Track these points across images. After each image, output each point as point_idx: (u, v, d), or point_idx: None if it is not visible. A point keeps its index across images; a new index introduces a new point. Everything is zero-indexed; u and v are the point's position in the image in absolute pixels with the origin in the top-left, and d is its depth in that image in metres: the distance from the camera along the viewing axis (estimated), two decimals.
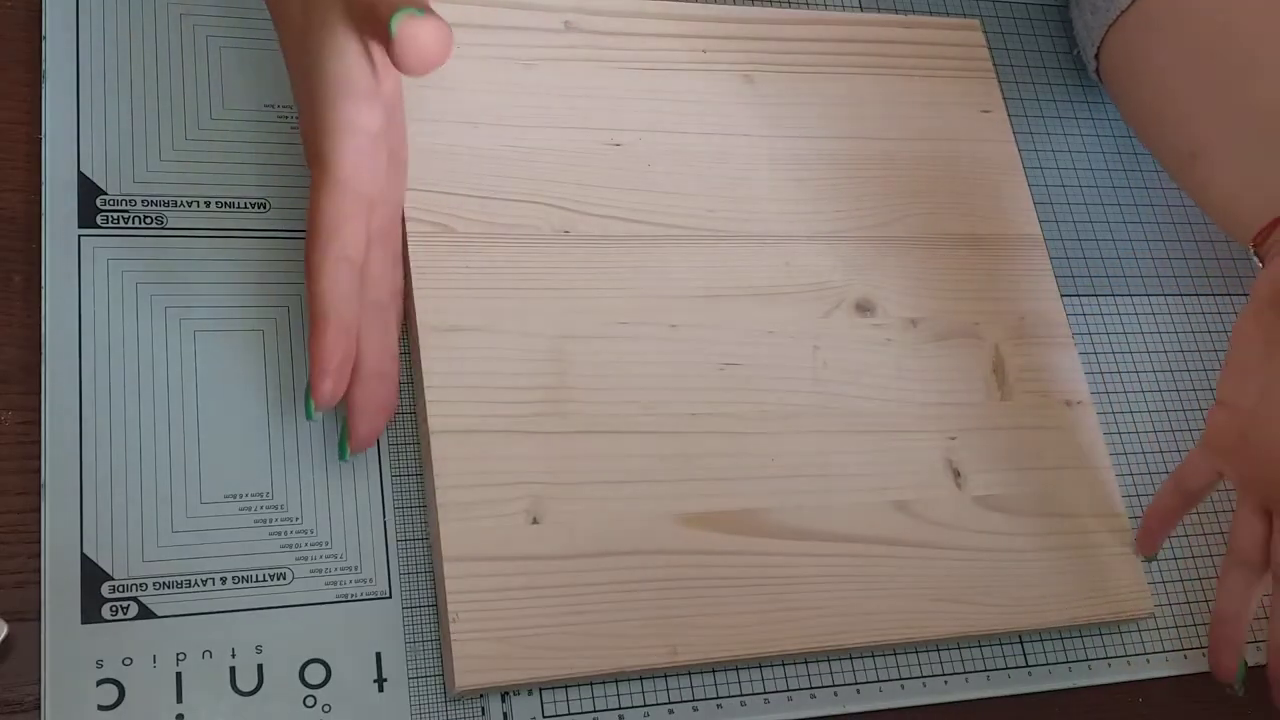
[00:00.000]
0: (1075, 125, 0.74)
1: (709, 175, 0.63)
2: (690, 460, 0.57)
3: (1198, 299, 0.72)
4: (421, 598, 0.53)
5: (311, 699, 0.50)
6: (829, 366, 0.61)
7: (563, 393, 0.56)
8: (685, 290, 0.60)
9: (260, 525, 0.52)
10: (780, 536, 0.57)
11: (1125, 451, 0.66)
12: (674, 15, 0.66)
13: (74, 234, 0.55)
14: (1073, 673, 0.60)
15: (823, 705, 0.56)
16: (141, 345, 0.54)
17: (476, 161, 0.60)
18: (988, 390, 0.63)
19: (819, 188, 0.65)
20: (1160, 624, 0.62)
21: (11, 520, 0.50)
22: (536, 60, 0.63)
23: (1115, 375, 0.68)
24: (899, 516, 0.58)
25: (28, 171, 0.55)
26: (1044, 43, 0.76)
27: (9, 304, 0.53)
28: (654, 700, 0.54)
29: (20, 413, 0.52)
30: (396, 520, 0.54)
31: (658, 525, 0.55)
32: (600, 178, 0.61)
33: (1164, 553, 0.64)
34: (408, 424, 0.56)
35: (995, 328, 0.64)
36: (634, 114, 0.63)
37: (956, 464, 0.61)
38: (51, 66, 0.57)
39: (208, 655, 0.50)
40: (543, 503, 0.54)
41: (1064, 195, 0.72)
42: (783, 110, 0.66)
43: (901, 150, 0.67)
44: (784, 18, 0.68)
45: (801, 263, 0.63)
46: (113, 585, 0.50)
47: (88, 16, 0.58)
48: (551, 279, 0.58)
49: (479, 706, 0.52)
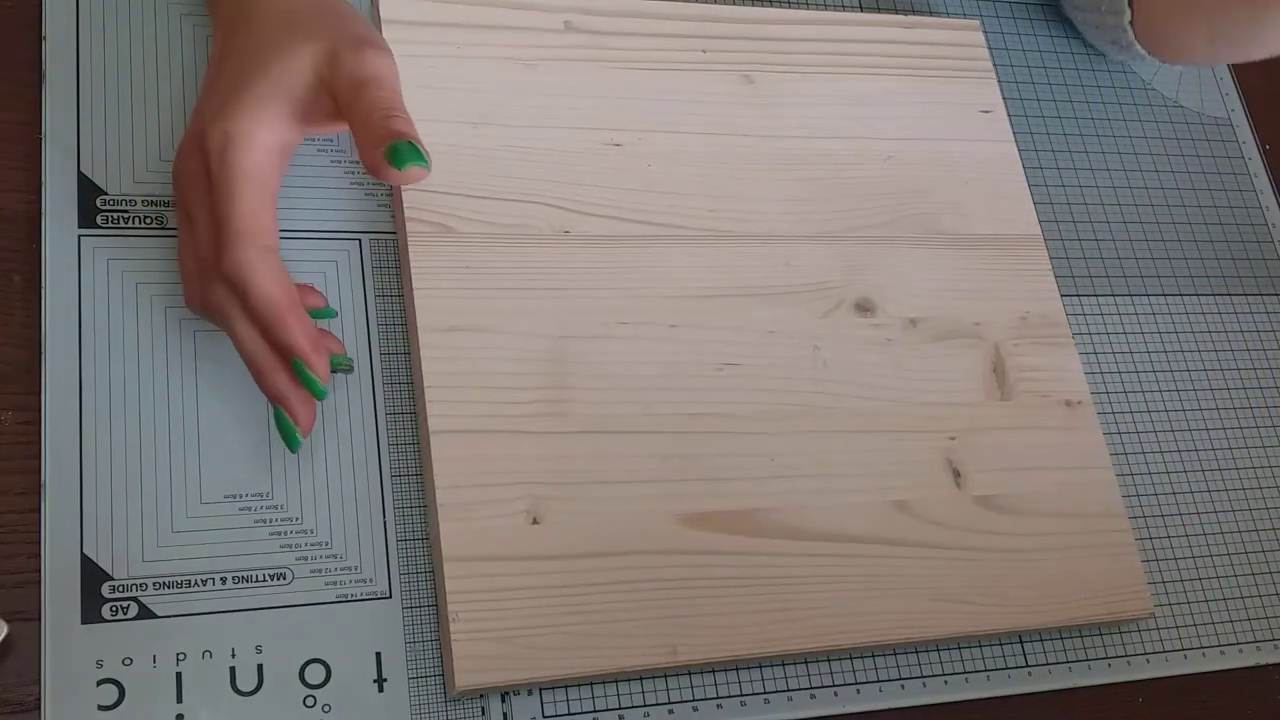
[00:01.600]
0: (1075, 125, 0.74)
1: (709, 175, 0.63)
2: (690, 460, 0.57)
3: (1198, 299, 0.72)
4: (421, 598, 0.53)
5: (311, 699, 0.50)
6: (829, 366, 0.61)
7: (563, 393, 0.56)
8: (685, 290, 0.60)
9: (260, 525, 0.52)
10: (780, 536, 0.57)
11: (1125, 451, 0.66)
12: (674, 15, 0.66)
13: (74, 234, 0.55)
14: (1073, 673, 0.60)
15: (823, 705, 0.56)
16: (141, 345, 0.54)
17: (476, 161, 0.60)
18: (988, 390, 0.63)
19: (819, 188, 0.65)
20: (1160, 624, 0.62)
21: (11, 520, 0.50)
22: (536, 60, 0.63)
23: (1115, 375, 0.68)
24: (899, 516, 0.58)
25: (28, 171, 0.55)
26: (1044, 43, 0.76)
27: (9, 304, 0.53)
28: (654, 700, 0.54)
29: (20, 413, 0.52)
30: (396, 520, 0.54)
31: (658, 525, 0.55)
32: (600, 178, 0.61)
33: (1164, 552, 0.64)
34: (408, 424, 0.56)
35: (995, 328, 0.64)
36: (634, 114, 0.63)
37: (956, 464, 0.61)
38: (51, 66, 0.57)
39: (208, 655, 0.50)
40: (543, 503, 0.54)
41: (1064, 195, 0.72)
42: (783, 110, 0.66)
43: (901, 150, 0.67)
44: (784, 18, 0.68)
45: (801, 263, 0.63)
46: (113, 585, 0.50)
47: (88, 16, 0.58)
48: (551, 279, 0.58)
49: (479, 706, 0.52)
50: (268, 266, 0.50)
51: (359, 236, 0.58)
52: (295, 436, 0.52)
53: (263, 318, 0.51)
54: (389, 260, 0.58)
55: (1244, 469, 0.67)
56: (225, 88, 0.52)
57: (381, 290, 0.58)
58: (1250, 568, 0.65)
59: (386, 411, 0.56)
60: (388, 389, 0.56)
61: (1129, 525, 0.62)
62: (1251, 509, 0.67)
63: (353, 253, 0.58)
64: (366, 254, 0.58)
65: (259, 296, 0.50)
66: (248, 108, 0.51)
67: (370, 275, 0.58)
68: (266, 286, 0.50)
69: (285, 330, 0.51)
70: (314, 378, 0.51)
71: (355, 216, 0.59)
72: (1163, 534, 0.65)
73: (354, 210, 0.59)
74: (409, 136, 0.51)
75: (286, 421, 0.52)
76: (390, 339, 0.57)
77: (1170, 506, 0.65)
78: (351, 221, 0.59)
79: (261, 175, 0.51)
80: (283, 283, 0.51)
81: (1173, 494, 0.66)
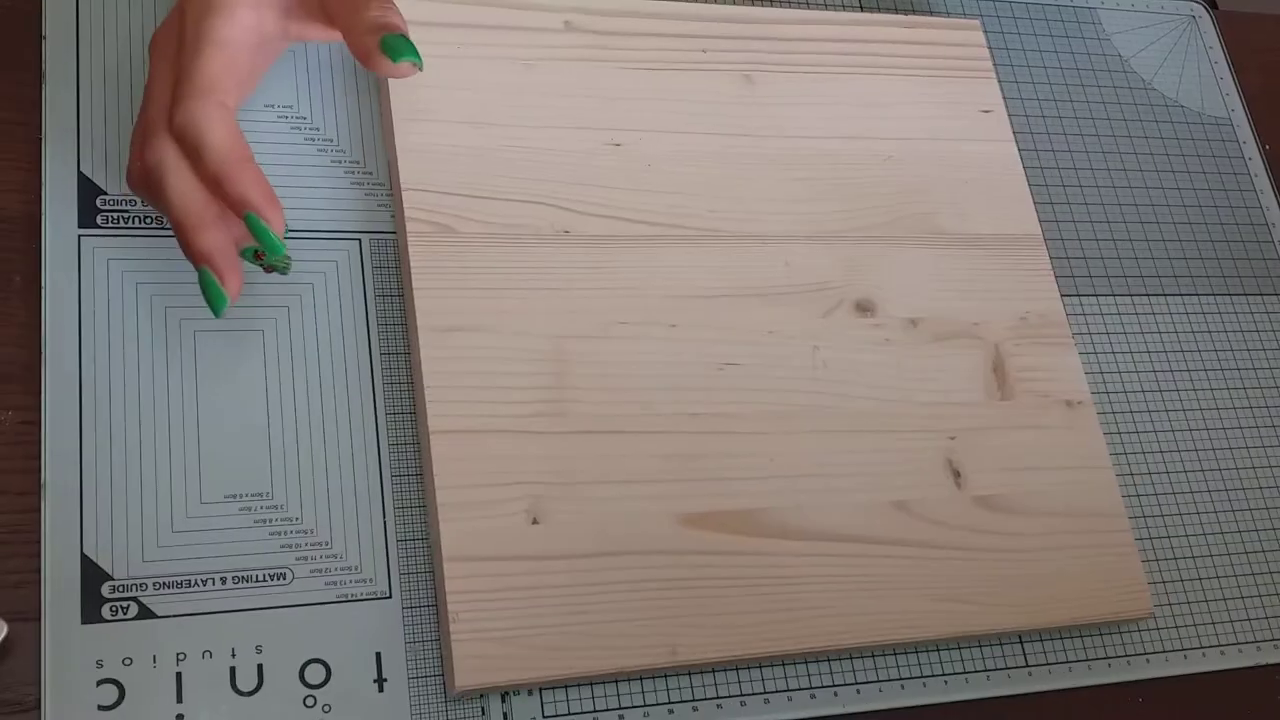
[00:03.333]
0: (1075, 125, 0.74)
1: (709, 175, 0.63)
2: (690, 460, 0.57)
3: (1198, 299, 0.72)
4: (421, 598, 0.53)
5: (311, 699, 0.50)
6: (829, 366, 0.61)
7: (563, 393, 0.56)
8: (685, 290, 0.60)
9: (260, 525, 0.52)
10: (780, 536, 0.57)
11: (1125, 451, 0.66)
12: (674, 15, 0.66)
13: (74, 234, 0.55)
14: (1073, 673, 0.60)
15: (823, 705, 0.56)
16: (141, 345, 0.54)
17: (476, 161, 0.60)
18: (988, 390, 0.63)
19: (819, 188, 0.65)
20: (1160, 624, 0.62)
21: (11, 520, 0.50)
22: (536, 60, 0.63)
23: (1115, 375, 0.68)
24: (899, 516, 0.58)
25: (28, 171, 0.55)
26: (1044, 42, 0.76)
27: (9, 304, 0.53)
28: (654, 700, 0.54)
29: (20, 412, 0.52)
30: (396, 520, 0.54)
31: (658, 525, 0.55)
32: (600, 178, 0.61)
33: (1164, 552, 0.64)
34: (408, 424, 0.56)
35: (995, 328, 0.64)
36: (634, 114, 0.63)
37: (956, 464, 0.61)
38: (51, 66, 0.57)
39: (208, 655, 0.50)
40: (543, 503, 0.54)
41: (1064, 195, 0.72)
42: (783, 110, 0.66)
43: (901, 150, 0.67)
44: (784, 18, 0.68)
45: (801, 263, 0.63)
46: (113, 585, 0.50)
47: (88, 16, 0.58)
48: (551, 279, 0.58)
49: (479, 706, 0.52)
50: (224, 119, 0.49)
51: (359, 236, 0.58)
52: (222, 297, 0.50)
53: (215, 170, 0.49)
54: (389, 260, 0.58)
55: (1244, 469, 0.67)
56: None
57: (381, 290, 0.58)
58: (1250, 568, 0.65)
59: (386, 411, 0.56)
60: (388, 389, 0.56)
61: (1129, 525, 0.62)
62: (1251, 509, 0.67)
63: (353, 253, 0.58)
64: (366, 254, 0.58)
65: (212, 146, 0.49)
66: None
67: (370, 275, 0.58)
68: (223, 137, 0.49)
69: (240, 182, 0.49)
70: (269, 231, 0.50)
71: (355, 216, 0.59)
72: (1163, 534, 0.65)
73: (354, 210, 0.59)
74: (404, 32, 0.51)
75: (213, 283, 0.50)
76: (390, 339, 0.57)
77: (1170, 506, 0.65)
78: (351, 221, 0.59)
79: (233, 47, 0.50)
80: (238, 137, 0.49)
81: (1173, 494, 0.66)
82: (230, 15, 0.51)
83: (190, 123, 0.49)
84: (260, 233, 0.50)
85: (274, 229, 0.50)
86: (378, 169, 0.60)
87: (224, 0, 0.51)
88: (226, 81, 0.50)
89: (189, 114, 0.49)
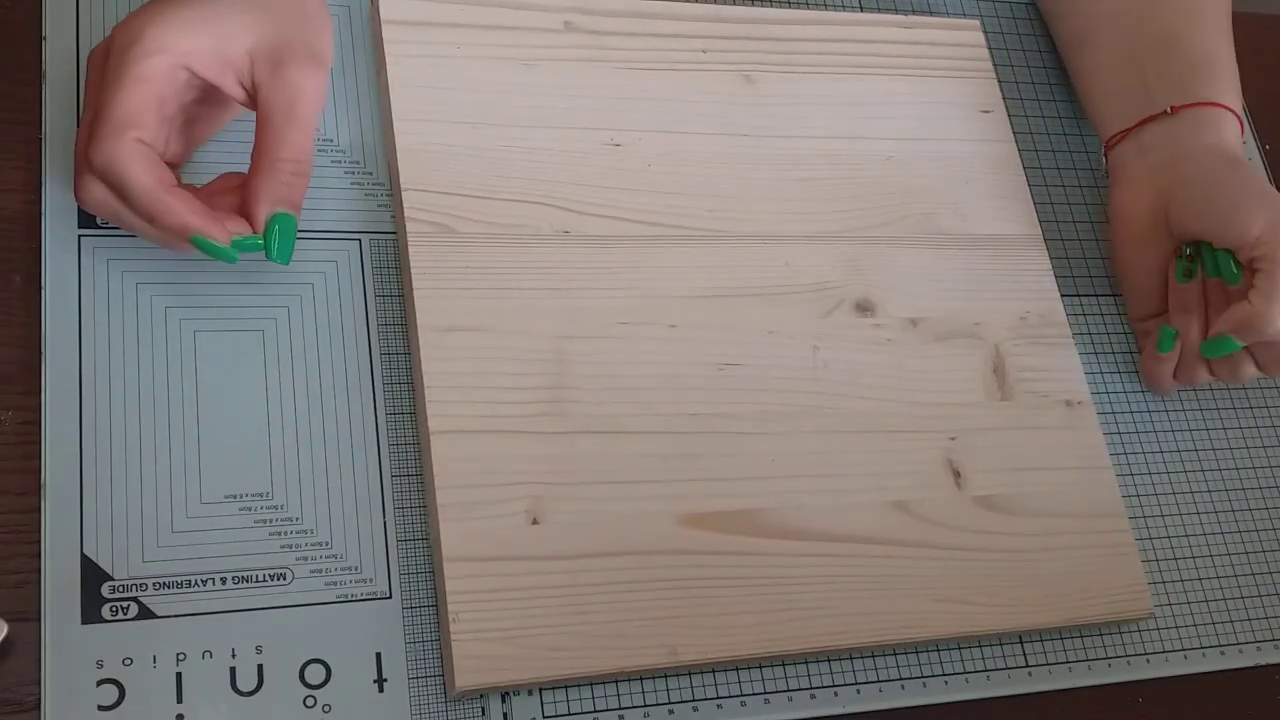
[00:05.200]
0: (1075, 125, 0.74)
1: (709, 175, 0.63)
2: (690, 460, 0.57)
3: None
4: (421, 598, 0.53)
5: (311, 699, 0.50)
6: (829, 366, 0.61)
7: (563, 393, 0.56)
8: (685, 290, 0.60)
9: (260, 525, 0.52)
10: (780, 536, 0.57)
11: (1125, 451, 0.66)
12: (674, 15, 0.66)
13: (74, 234, 0.55)
14: (1073, 673, 0.60)
15: (823, 705, 0.56)
16: (141, 345, 0.54)
17: (476, 161, 0.60)
18: (988, 390, 0.63)
19: (819, 188, 0.65)
20: (1160, 624, 0.62)
21: (11, 520, 0.50)
22: (536, 60, 0.63)
23: (1115, 375, 0.68)
24: (899, 516, 0.58)
25: (28, 171, 0.55)
26: (1044, 43, 0.76)
27: (9, 304, 0.53)
28: (654, 700, 0.54)
29: (20, 413, 0.52)
30: (396, 520, 0.54)
31: (658, 525, 0.55)
32: (600, 178, 0.61)
33: (1164, 552, 0.64)
34: (408, 424, 0.56)
35: (995, 328, 0.64)
36: (634, 114, 0.63)
37: (956, 464, 0.61)
38: (51, 66, 0.57)
39: (208, 655, 0.50)
40: (543, 503, 0.54)
41: (1064, 195, 0.72)
42: (783, 110, 0.66)
43: (901, 150, 0.67)
44: (784, 18, 0.68)
45: (801, 263, 0.63)
46: (113, 585, 0.50)
47: (88, 16, 0.58)
48: (551, 279, 0.58)
49: (479, 706, 0.52)
50: (139, 156, 0.49)
51: (359, 236, 0.58)
52: (225, 250, 0.51)
53: (144, 210, 0.49)
54: (389, 260, 0.58)
55: (1244, 469, 0.67)
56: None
57: (381, 290, 0.58)
58: (1250, 568, 0.65)
59: (386, 411, 0.56)
60: (388, 389, 0.56)
61: (1129, 525, 0.62)
62: (1251, 509, 0.67)
63: (353, 253, 0.58)
64: (366, 254, 0.58)
65: (131, 186, 0.49)
66: (171, 21, 0.50)
67: (370, 275, 0.58)
68: (138, 176, 0.49)
69: (169, 214, 0.49)
70: (218, 245, 0.50)
71: (355, 216, 0.59)
72: (1163, 534, 0.65)
73: (354, 210, 0.59)
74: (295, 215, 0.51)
75: (208, 243, 0.50)
76: (390, 339, 0.57)
77: (1170, 506, 0.65)
78: (351, 221, 0.59)
79: (155, 84, 0.50)
80: (154, 169, 0.49)
81: (1173, 494, 0.66)
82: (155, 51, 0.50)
83: (108, 167, 0.49)
84: (210, 250, 0.50)
85: (218, 239, 0.50)
86: (378, 169, 0.60)
87: (153, 35, 0.50)
88: (145, 118, 0.50)
89: (105, 157, 0.49)
